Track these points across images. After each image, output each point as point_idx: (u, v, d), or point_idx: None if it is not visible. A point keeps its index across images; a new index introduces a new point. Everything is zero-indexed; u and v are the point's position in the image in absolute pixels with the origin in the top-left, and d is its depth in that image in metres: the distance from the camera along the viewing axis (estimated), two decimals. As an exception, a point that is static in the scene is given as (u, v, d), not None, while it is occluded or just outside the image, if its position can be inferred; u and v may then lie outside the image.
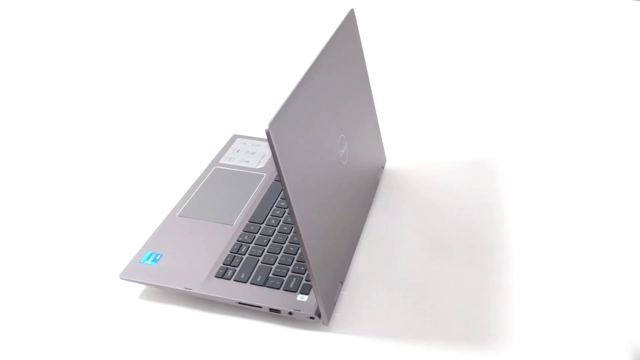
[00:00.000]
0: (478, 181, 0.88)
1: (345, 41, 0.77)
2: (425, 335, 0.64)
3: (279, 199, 0.81)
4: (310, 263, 0.60)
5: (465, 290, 0.69)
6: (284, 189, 0.56)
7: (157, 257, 0.72)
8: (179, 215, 0.79)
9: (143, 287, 0.71)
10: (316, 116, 0.63)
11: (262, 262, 0.71)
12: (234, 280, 0.69)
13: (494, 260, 0.74)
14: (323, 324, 0.65)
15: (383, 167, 0.90)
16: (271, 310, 0.66)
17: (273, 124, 0.54)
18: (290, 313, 0.65)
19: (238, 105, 1.13)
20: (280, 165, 0.55)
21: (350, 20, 0.80)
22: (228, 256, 0.72)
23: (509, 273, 0.71)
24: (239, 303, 0.66)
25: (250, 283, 0.68)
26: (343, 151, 0.71)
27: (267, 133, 0.53)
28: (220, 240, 0.75)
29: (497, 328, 0.64)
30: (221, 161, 0.91)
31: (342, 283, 0.69)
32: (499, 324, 0.64)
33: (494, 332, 0.63)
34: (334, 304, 0.66)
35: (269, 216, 0.78)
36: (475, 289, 0.69)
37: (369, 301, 0.68)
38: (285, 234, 0.75)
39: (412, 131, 1.03)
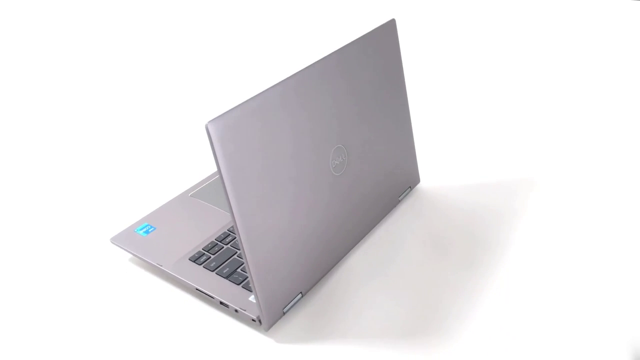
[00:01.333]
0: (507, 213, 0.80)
1: (376, 50, 0.74)
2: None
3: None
4: (249, 267, 0.60)
5: (465, 289, 0.69)
6: (224, 190, 0.57)
7: (150, 230, 0.76)
8: (190, 195, 0.83)
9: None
10: (290, 121, 0.62)
11: (237, 256, 0.72)
12: (203, 266, 0.71)
13: (494, 259, 0.73)
14: (263, 329, 0.65)
15: (411, 187, 0.85)
16: (221, 303, 0.67)
17: (216, 122, 0.54)
18: (236, 310, 0.65)
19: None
20: (221, 165, 0.55)
21: (387, 30, 0.76)
22: (210, 243, 0.74)
23: (509, 273, 0.71)
24: (196, 289, 0.68)
25: (216, 273, 0.70)
26: (337, 162, 0.69)
27: (207, 129, 0.54)
28: (215, 226, 0.77)
29: (497, 328, 0.63)
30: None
31: (302, 294, 0.68)
32: (499, 324, 0.64)
33: (493, 332, 0.63)
34: (283, 313, 0.65)
35: None
36: (475, 289, 0.69)
37: (334, 318, 0.66)
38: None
39: (459, 152, 0.97)
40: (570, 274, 0.70)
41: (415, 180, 0.86)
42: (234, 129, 0.56)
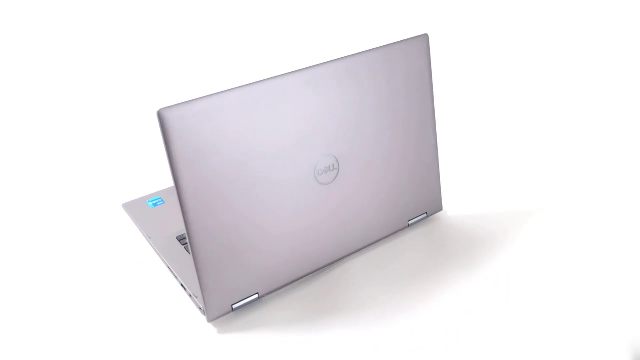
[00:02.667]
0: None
1: (400, 63, 0.70)
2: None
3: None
4: (194, 256, 0.61)
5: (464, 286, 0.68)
6: (174, 179, 0.58)
7: (158, 204, 0.81)
8: (212, 179, 0.86)
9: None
10: (266, 121, 0.61)
11: (219, 245, 0.73)
12: (184, 247, 0.73)
13: (494, 258, 0.72)
14: (207, 319, 0.65)
15: (428, 214, 0.79)
16: (182, 285, 0.69)
17: (170, 110, 0.55)
18: (190, 295, 0.67)
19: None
20: (172, 154, 0.56)
21: (418, 44, 0.71)
22: (202, 227, 0.76)
23: (509, 272, 0.70)
24: (168, 267, 0.71)
25: (193, 256, 0.72)
26: (324, 171, 0.67)
27: (158, 116, 0.55)
28: (218, 212, 0.79)
29: (497, 328, 0.63)
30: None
31: (259, 295, 0.67)
32: (499, 324, 0.63)
33: (493, 332, 0.62)
34: (231, 308, 0.65)
35: None
36: (474, 287, 0.68)
37: (289, 327, 0.65)
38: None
39: (495, 182, 0.88)
40: (570, 274, 0.69)
41: (436, 207, 0.80)
42: (189, 121, 0.56)
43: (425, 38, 0.71)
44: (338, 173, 0.68)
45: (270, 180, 0.63)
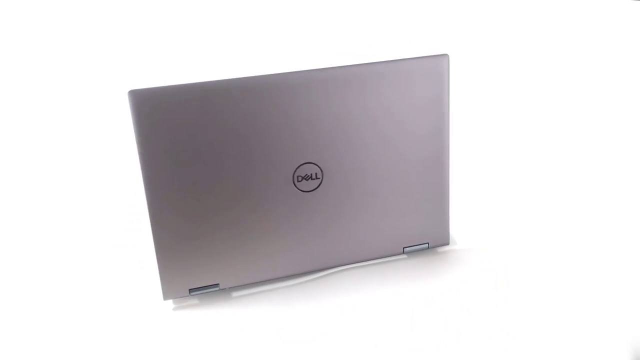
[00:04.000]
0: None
1: (414, 81, 0.66)
2: None
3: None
4: (153, 233, 0.63)
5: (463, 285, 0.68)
6: (139, 159, 0.59)
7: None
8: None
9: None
10: (243, 116, 0.61)
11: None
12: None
13: (494, 258, 0.73)
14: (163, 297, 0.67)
15: (430, 244, 0.74)
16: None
17: (140, 92, 0.57)
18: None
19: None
20: (136, 135, 0.58)
21: (436, 64, 0.66)
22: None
23: (509, 272, 0.71)
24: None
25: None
26: (304, 178, 0.66)
27: (128, 96, 0.57)
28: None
29: (497, 328, 0.63)
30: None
31: (219, 286, 0.68)
32: (499, 324, 0.63)
33: (493, 332, 0.62)
34: (189, 292, 0.67)
35: None
36: (473, 286, 0.68)
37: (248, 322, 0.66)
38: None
39: (515, 220, 0.82)
40: (570, 274, 0.70)
41: (441, 239, 0.74)
42: (160, 105, 0.58)
43: (445, 58, 0.66)
44: (322, 182, 0.67)
45: (241, 177, 0.63)
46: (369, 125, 0.66)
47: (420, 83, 0.66)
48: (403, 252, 0.74)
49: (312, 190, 0.66)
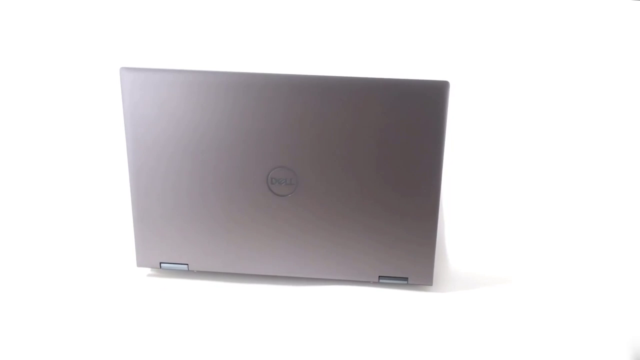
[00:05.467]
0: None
1: (409, 106, 0.64)
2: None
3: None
4: (133, 205, 0.66)
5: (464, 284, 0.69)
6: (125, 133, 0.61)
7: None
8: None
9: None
10: (227, 111, 0.63)
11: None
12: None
13: (493, 258, 0.74)
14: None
15: (408, 280, 0.70)
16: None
17: (130, 71, 0.59)
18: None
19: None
20: (124, 110, 0.61)
21: (435, 90, 0.63)
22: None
23: (509, 272, 0.72)
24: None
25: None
26: (278, 181, 0.66)
27: (119, 73, 0.59)
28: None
29: (498, 327, 0.63)
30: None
31: (188, 267, 0.70)
32: (499, 324, 0.64)
33: (493, 331, 0.63)
34: (159, 265, 0.70)
35: None
36: (474, 285, 0.69)
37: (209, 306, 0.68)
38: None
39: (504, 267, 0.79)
40: (570, 274, 0.71)
41: (423, 278, 0.70)
42: (148, 86, 0.60)
43: (445, 85, 0.63)
44: (296, 189, 0.67)
45: (219, 168, 0.65)
46: (358, 141, 0.65)
47: (417, 107, 0.64)
48: (378, 281, 0.71)
49: (286, 195, 0.67)
